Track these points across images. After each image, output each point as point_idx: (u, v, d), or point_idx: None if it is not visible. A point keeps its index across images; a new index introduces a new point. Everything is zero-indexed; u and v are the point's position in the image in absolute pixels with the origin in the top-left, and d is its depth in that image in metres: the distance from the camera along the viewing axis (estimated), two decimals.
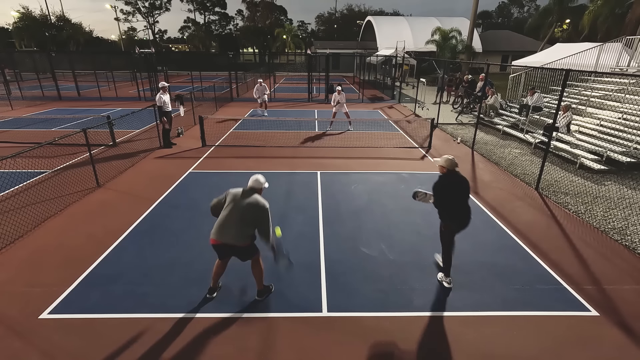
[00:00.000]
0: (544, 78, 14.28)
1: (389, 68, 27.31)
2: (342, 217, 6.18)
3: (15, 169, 7.77)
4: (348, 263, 4.86)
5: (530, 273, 4.69)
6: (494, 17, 79.70)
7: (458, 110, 16.06)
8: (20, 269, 4.64)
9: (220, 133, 12.00)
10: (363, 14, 66.76)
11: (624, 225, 5.93)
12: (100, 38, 64.75)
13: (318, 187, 7.51)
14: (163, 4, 61.45)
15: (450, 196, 4.16)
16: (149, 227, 5.76)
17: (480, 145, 10.73)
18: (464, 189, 4.19)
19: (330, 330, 3.71)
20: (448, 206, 4.19)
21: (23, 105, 17.48)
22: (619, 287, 4.43)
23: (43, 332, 3.63)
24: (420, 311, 3.98)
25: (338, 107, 12.48)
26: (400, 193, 7.25)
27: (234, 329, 3.71)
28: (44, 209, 6.26)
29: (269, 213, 3.75)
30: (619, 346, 3.55)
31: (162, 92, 10.06)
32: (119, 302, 4.07)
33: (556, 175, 8.20)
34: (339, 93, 12.33)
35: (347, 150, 10.24)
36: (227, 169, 8.52)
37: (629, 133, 8.98)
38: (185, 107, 15.10)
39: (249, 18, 67.05)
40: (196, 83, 24.64)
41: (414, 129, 13.15)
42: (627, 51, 12.36)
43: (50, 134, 11.25)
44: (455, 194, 4.16)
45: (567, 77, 6.88)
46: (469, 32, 28.48)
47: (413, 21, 41.66)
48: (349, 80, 35.06)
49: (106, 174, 7.90)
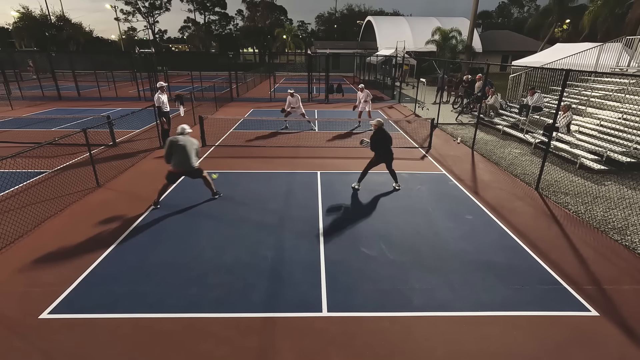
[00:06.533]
0: (544, 78, 14.27)
1: (389, 68, 27.31)
2: (342, 217, 6.18)
3: (15, 169, 7.77)
4: (348, 263, 4.86)
5: (530, 273, 4.69)
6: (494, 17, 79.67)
7: (458, 110, 16.06)
8: (20, 269, 4.64)
9: (220, 133, 12.00)
10: (363, 14, 66.69)
11: (624, 225, 5.92)
12: (100, 38, 64.80)
13: (318, 187, 7.51)
14: (163, 4, 61.48)
15: (379, 142, 6.98)
16: (149, 227, 5.76)
17: (480, 145, 10.73)
18: (387, 138, 7.03)
19: (330, 330, 3.71)
20: (377, 148, 7.02)
21: (23, 105, 17.48)
22: (619, 287, 4.43)
23: (43, 332, 3.63)
24: (420, 311, 3.98)
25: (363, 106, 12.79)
26: (400, 193, 7.25)
27: (234, 329, 3.71)
28: (44, 209, 6.26)
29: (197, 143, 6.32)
30: (619, 346, 3.55)
31: (160, 92, 10.06)
32: (119, 302, 4.07)
33: (556, 175, 8.20)
34: (362, 91, 12.56)
35: (347, 150, 10.24)
36: (227, 169, 8.52)
37: (629, 133, 8.98)
38: (185, 107, 15.11)
39: (249, 18, 66.98)
40: (196, 83, 24.65)
41: (414, 129, 13.15)
42: (627, 51, 12.36)
43: (50, 134, 11.25)
44: (382, 141, 6.99)
45: (567, 77, 6.88)
46: (469, 32, 28.51)
47: (413, 21, 41.69)
48: (349, 80, 35.06)
49: (106, 174, 7.90)
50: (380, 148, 7.01)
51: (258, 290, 4.28)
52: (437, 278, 4.56)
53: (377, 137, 6.96)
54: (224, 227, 5.79)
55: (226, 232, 5.63)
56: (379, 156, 7.08)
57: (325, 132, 12.51)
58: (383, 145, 7.01)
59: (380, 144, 6.99)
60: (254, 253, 5.06)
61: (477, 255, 5.08)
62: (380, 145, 6.99)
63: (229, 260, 4.88)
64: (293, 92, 12.54)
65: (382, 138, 6.99)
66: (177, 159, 6.12)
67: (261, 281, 4.45)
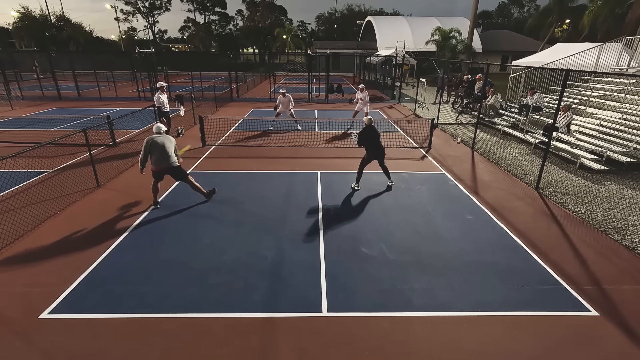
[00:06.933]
0: (544, 78, 14.27)
1: (389, 68, 27.30)
2: (342, 217, 6.18)
3: (15, 169, 7.77)
4: (348, 263, 4.86)
5: (530, 273, 4.69)
6: (494, 17, 79.64)
7: (458, 110, 16.06)
8: (20, 269, 4.64)
9: (220, 133, 12.00)
10: (363, 14, 66.68)
11: (624, 225, 5.92)
12: (101, 38, 64.80)
13: (318, 187, 7.51)
14: (163, 4, 61.47)
15: (369, 139, 7.12)
16: (149, 227, 5.76)
17: (480, 145, 10.73)
18: (376, 135, 7.17)
19: (330, 330, 3.71)
20: (367, 145, 7.16)
21: (23, 105, 17.48)
22: (619, 287, 4.43)
23: (43, 332, 3.63)
24: (420, 311, 3.98)
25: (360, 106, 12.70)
26: (400, 193, 7.25)
27: (234, 329, 3.71)
28: (44, 209, 6.26)
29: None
30: (619, 346, 3.55)
31: (160, 92, 10.07)
32: (119, 302, 4.07)
33: (556, 175, 8.20)
34: (362, 91, 12.51)
35: (347, 150, 10.24)
36: (227, 169, 8.52)
37: (629, 133, 8.97)
38: (185, 107, 15.11)
39: (249, 18, 66.98)
40: (196, 83, 24.64)
41: (414, 129, 13.15)
42: (627, 51, 12.36)
43: (50, 134, 11.25)
44: (371, 138, 7.12)
45: (567, 77, 6.88)
46: (469, 32, 28.51)
47: (413, 21, 41.67)
48: (349, 80, 35.06)
49: (106, 174, 7.90)
50: (370, 145, 7.15)
51: (258, 290, 4.29)
52: (437, 278, 4.56)
53: (367, 134, 7.09)
54: (224, 227, 5.79)
55: (226, 232, 5.63)
56: (370, 153, 7.21)
57: (325, 132, 12.50)
58: (373, 142, 7.13)
59: (369, 141, 7.13)
60: (254, 253, 5.06)
61: (477, 255, 5.08)
62: (369, 142, 7.13)
63: (229, 260, 4.88)
64: (285, 92, 12.54)
65: (372, 136, 7.12)
66: (156, 156, 6.14)
67: (261, 281, 4.45)
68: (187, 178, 6.47)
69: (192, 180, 6.53)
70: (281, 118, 12.75)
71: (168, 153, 6.17)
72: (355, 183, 7.41)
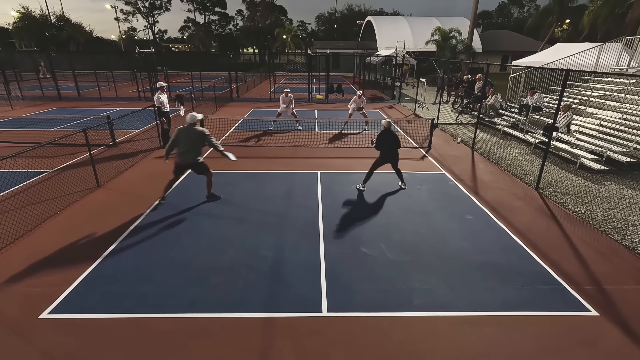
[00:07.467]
0: (544, 78, 14.27)
1: (389, 68, 27.30)
2: (342, 217, 6.18)
3: (15, 169, 7.77)
4: (348, 263, 4.86)
5: (530, 273, 4.69)
6: (494, 17, 79.65)
7: (458, 110, 16.06)
8: (20, 269, 4.63)
9: (220, 133, 12.00)
10: (363, 14, 66.67)
11: (624, 225, 5.92)
12: (100, 38, 64.80)
13: (318, 187, 7.51)
14: (163, 4, 61.43)
15: (385, 142, 7.09)
16: (149, 227, 5.76)
17: (480, 145, 10.73)
18: (393, 139, 7.09)
19: (330, 330, 3.71)
20: (383, 147, 7.13)
21: (23, 105, 17.47)
22: (619, 287, 4.43)
23: (43, 332, 3.63)
24: (420, 311, 3.98)
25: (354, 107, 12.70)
26: (401, 193, 7.25)
27: (234, 329, 3.71)
28: (44, 209, 6.26)
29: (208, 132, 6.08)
30: (619, 346, 3.55)
31: (160, 92, 10.06)
32: (119, 302, 4.07)
33: (556, 175, 8.19)
34: (359, 97, 12.50)
35: (347, 150, 10.24)
36: (227, 169, 8.52)
37: (629, 133, 8.97)
38: (185, 107, 15.11)
39: (249, 18, 66.92)
40: (196, 83, 24.64)
41: (414, 129, 13.15)
42: (627, 51, 12.35)
43: (50, 134, 11.24)
44: (388, 141, 7.09)
45: (567, 77, 6.88)
46: (469, 32, 28.50)
47: (413, 21, 41.67)
48: (349, 80, 35.05)
49: (106, 174, 7.90)
50: (385, 148, 7.11)
51: (258, 290, 4.28)
52: (437, 278, 4.56)
53: (384, 137, 7.07)
54: (224, 227, 5.79)
55: (226, 232, 5.63)
56: (383, 156, 7.18)
57: (325, 132, 12.51)
58: (388, 145, 7.10)
59: (386, 144, 7.10)
60: (254, 253, 5.06)
61: (477, 255, 5.08)
62: (385, 146, 7.10)
63: (229, 260, 4.88)
64: (289, 91, 12.53)
65: (389, 139, 7.09)
66: (182, 149, 5.97)
67: (261, 281, 4.45)
68: (208, 172, 6.39)
69: (211, 177, 6.48)
70: (282, 118, 12.76)
71: (195, 149, 6.02)
72: (362, 184, 7.34)
